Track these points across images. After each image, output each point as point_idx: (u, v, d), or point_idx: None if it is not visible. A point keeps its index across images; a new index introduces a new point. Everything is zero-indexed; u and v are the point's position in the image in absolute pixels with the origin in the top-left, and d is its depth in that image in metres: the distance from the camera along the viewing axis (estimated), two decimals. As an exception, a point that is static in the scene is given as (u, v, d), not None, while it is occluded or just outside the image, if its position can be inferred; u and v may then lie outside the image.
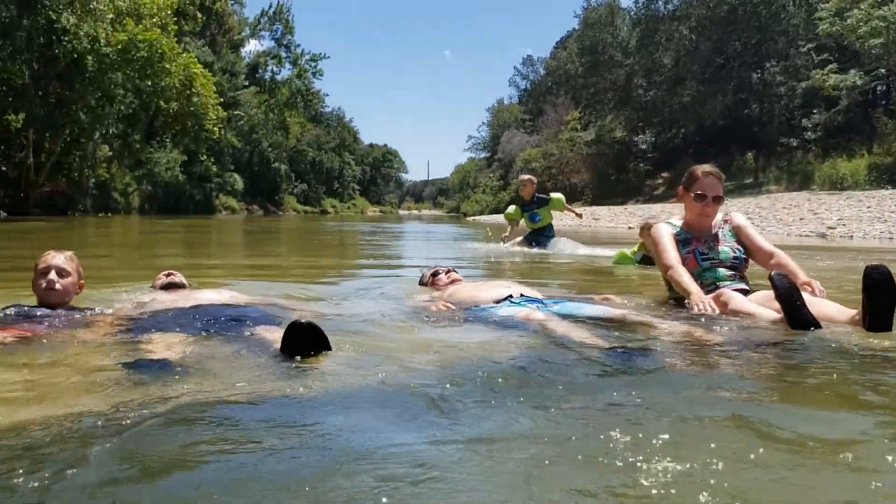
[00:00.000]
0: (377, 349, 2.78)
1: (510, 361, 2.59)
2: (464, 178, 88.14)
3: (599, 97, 58.85)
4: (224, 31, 61.86)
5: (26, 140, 33.65)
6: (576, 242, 10.50)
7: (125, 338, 2.97)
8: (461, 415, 1.94)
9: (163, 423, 1.84)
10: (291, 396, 2.11)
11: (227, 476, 1.52)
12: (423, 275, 5.01)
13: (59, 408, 1.98)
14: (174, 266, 4.53)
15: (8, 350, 2.74)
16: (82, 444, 1.69)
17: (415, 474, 1.52)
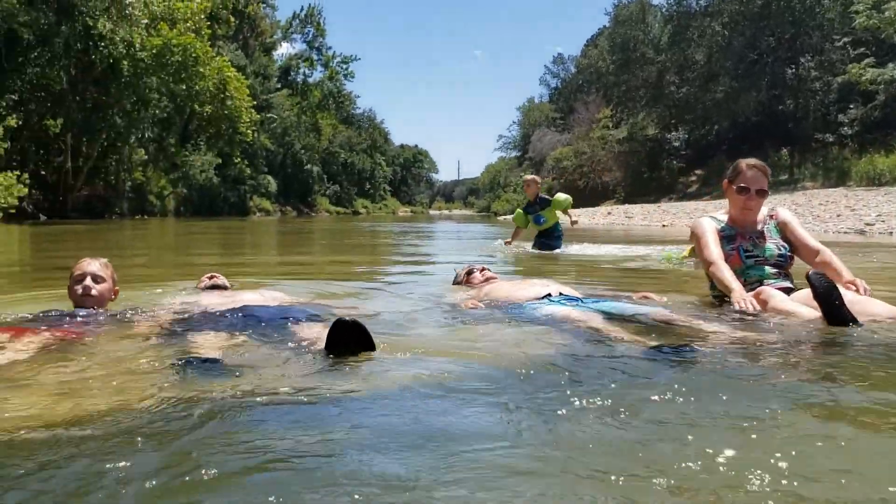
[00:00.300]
0: (417, 347, 2.77)
1: (552, 360, 2.57)
2: (494, 178, 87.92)
3: (631, 94, 58.36)
4: (256, 34, 62.44)
5: (64, 145, 34.28)
6: (597, 245, 10.38)
7: (170, 338, 3.01)
8: (503, 414, 1.93)
9: (208, 421, 1.86)
10: (335, 395, 2.11)
11: (276, 474, 1.54)
12: (458, 273, 4.99)
13: (105, 406, 2.01)
14: (211, 267, 4.58)
15: (53, 349, 2.79)
16: (129, 442, 1.72)
17: (452, 472, 1.52)
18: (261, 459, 1.61)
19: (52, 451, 1.66)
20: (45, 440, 1.74)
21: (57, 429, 1.81)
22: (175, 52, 32.10)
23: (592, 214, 34.04)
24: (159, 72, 32.50)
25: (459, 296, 4.34)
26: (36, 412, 1.97)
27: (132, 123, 34.33)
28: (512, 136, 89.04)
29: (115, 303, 3.86)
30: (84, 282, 3.62)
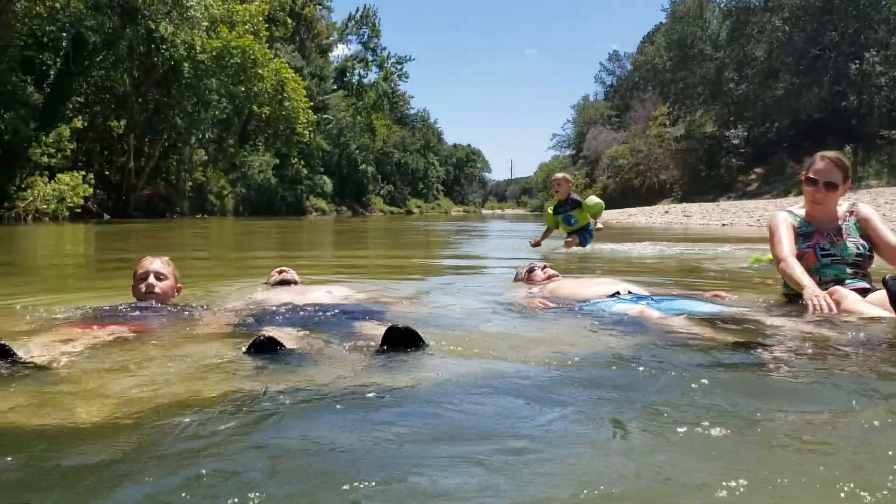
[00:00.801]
0: (482, 346, 2.73)
1: (628, 360, 2.51)
2: (548, 177, 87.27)
3: (689, 91, 57.54)
4: (313, 36, 63.19)
5: (127, 145, 35.18)
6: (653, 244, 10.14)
7: (236, 332, 3.04)
8: (570, 416, 1.89)
9: (261, 413, 1.88)
10: (387, 391, 2.09)
11: (338, 466, 1.54)
12: (518, 272, 4.94)
13: (175, 399, 2.03)
14: (268, 263, 4.62)
15: (121, 343, 2.84)
16: (184, 434, 1.74)
17: (518, 470, 1.50)
18: (311, 454, 1.60)
19: (112, 441, 1.68)
20: (109, 431, 1.77)
21: (120, 420, 1.84)
22: (234, 54, 32.66)
23: (649, 213, 33.62)
24: (219, 73, 33.10)
25: (521, 294, 4.29)
26: (102, 405, 2.00)
27: (192, 124, 35.05)
28: (566, 134, 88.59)
29: (182, 299, 3.92)
30: (147, 280, 3.69)
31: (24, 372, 2.31)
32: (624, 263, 7.85)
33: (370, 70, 69.75)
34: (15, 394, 2.09)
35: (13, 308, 3.90)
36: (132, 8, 27.28)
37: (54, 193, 27.46)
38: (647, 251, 9.81)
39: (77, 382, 2.23)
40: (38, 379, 2.26)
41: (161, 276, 3.73)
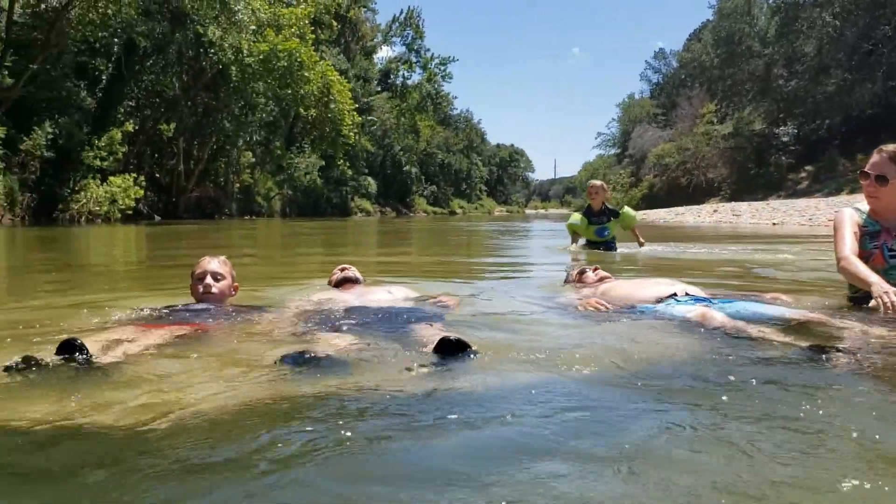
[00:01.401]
0: (543, 349, 2.68)
1: (699, 365, 2.45)
2: (592, 176, 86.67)
3: (736, 89, 56.66)
4: (357, 38, 63.63)
5: (177, 148, 35.83)
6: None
7: (290, 334, 3.05)
8: (649, 421, 1.85)
9: (308, 415, 1.89)
10: (436, 397, 2.07)
11: (386, 468, 1.53)
12: (569, 274, 4.88)
13: (230, 400, 2.04)
14: (314, 262, 4.63)
15: (181, 344, 2.88)
16: (234, 434, 1.76)
17: (573, 478, 1.47)
18: (358, 457, 1.60)
19: (167, 443, 1.70)
20: (165, 432, 1.78)
21: (175, 422, 1.86)
22: (281, 57, 33.01)
23: (697, 212, 33.11)
24: (266, 77, 33.48)
25: (573, 296, 4.24)
26: (158, 406, 2.02)
27: (240, 127, 35.53)
28: (611, 133, 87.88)
29: (246, 299, 3.96)
30: (205, 280, 3.72)
31: (84, 371, 2.34)
32: (676, 264, 7.72)
33: (414, 71, 69.93)
34: (74, 392, 2.12)
35: (72, 308, 3.97)
36: (181, 13, 27.76)
37: (107, 196, 28.09)
38: (706, 252, 9.54)
39: (134, 383, 2.26)
40: (96, 378, 2.30)
41: (218, 277, 3.76)
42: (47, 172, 27.58)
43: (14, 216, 25.51)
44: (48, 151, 26.96)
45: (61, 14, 23.48)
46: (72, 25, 24.56)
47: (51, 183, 27.61)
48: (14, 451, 1.67)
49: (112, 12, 24.88)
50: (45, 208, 27.09)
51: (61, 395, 2.11)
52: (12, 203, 25.56)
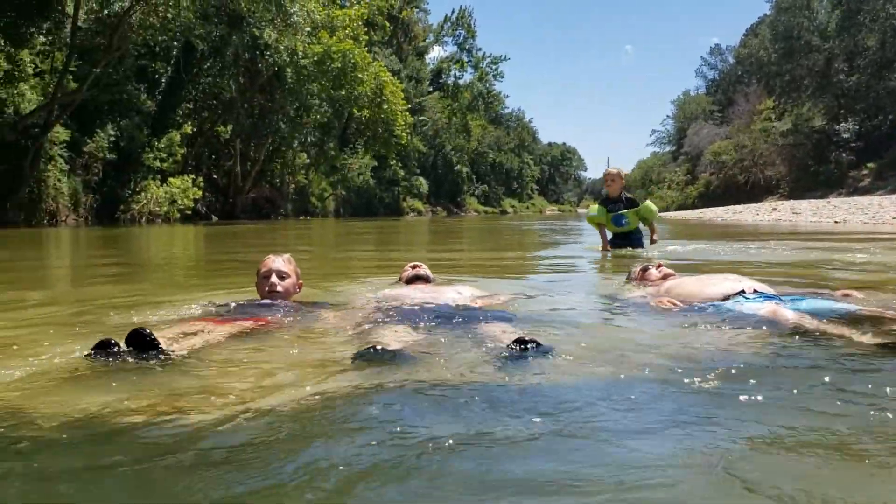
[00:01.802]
0: (613, 347, 2.65)
1: (772, 363, 2.39)
2: (646, 174, 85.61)
3: (795, 84, 55.33)
4: (410, 38, 63.93)
5: (234, 149, 36.46)
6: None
7: (358, 329, 3.07)
8: (724, 421, 1.81)
9: (374, 410, 1.89)
10: (505, 394, 2.05)
11: (460, 471, 1.50)
12: (632, 271, 4.81)
13: (295, 397, 2.04)
14: (372, 259, 4.63)
15: (250, 337, 2.91)
16: (301, 429, 1.77)
17: (647, 477, 1.44)
18: (418, 452, 1.58)
19: (231, 436, 1.71)
20: (230, 427, 1.79)
21: (239, 416, 1.86)
22: (335, 58, 33.34)
23: (756, 211, 32.41)
24: (320, 78, 33.85)
25: (638, 293, 4.17)
26: (229, 396, 2.05)
27: (295, 128, 35.98)
28: (666, 130, 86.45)
29: (312, 296, 3.99)
30: (270, 279, 3.76)
31: (154, 362, 2.39)
32: (739, 263, 7.56)
33: (465, 71, 69.97)
34: (144, 383, 2.17)
35: (137, 304, 4.06)
36: (238, 16, 28.25)
37: (166, 196, 28.76)
38: (769, 250, 9.29)
39: (205, 375, 2.30)
40: (167, 370, 2.34)
41: (284, 275, 3.80)
42: (109, 174, 28.35)
43: (78, 216, 26.26)
44: (110, 153, 27.71)
45: (123, 19, 24.08)
46: (133, 30, 25.17)
47: (112, 184, 28.37)
48: (84, 442, 1.70)
49: (171, 16, 25.43)
50: (108, 209, 27.84)
51: (131, 385, 2.15)
52: (76, 204, 26.33)
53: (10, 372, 2.32)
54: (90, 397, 2.03)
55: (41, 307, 4.24)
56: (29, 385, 2.18)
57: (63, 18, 23.28)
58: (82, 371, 2.34)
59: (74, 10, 23.06)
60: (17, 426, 1.79)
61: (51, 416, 1.85)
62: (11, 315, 3.81)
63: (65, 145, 25.65)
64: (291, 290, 3.84)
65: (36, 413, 1.89)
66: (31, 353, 2.59)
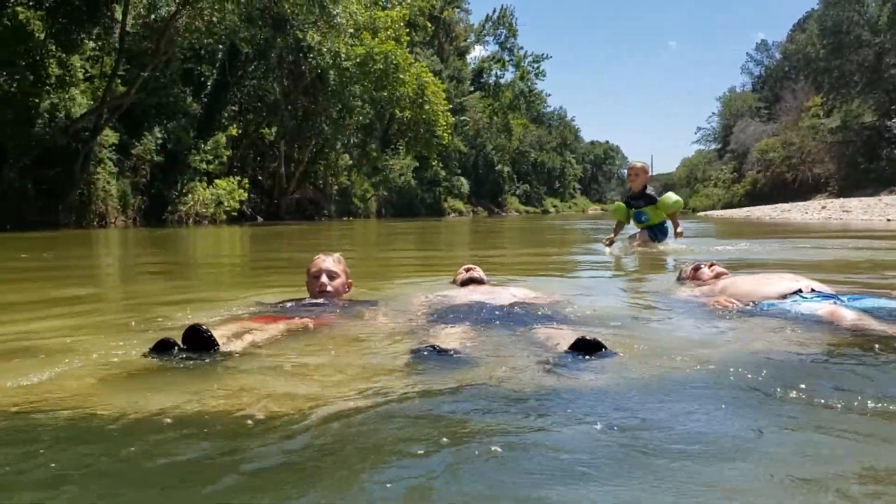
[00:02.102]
0: (672, 347, 2.61)
1: (834, 364, 2.34)
2: (691, 172, 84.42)
3: (845, 80, 54.11)
4: (451, 38, 63.96)
5: (278, 151, 36.85)
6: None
7: (417, 328, 3.07)
8: (754, 419, 1.77)
9: (426, 409, 1.89)
10: (584, 392, 2.04)
11: (516, 470, 1.49)
12: (683, 270, 4.74)
13: (346, 397, 2.04)
14: (413, 259, 4.62)
15: (304, 336, 2.93)
16: (352, 425, 1.78)
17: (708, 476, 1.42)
18: (471, 457, 1.56)
19: (296, 435, 1.72)
20: (281, 428, 1.79)
21: (291, 416, 1.86)
22: (377, 60, 33.49)
23: (805, 209, 31.78)
24: (362, 80, 34.03)
25: (690, 293, 4.11)
26: (288, 394, 2.06)
27: (338, 130, 36.23)
28: (711, 127, 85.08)
29: (361, 295, 4.01)
30: (320, 279, 3.79)
31: (211, 360, 2.40)
32: (793, 261, 7.40)
33: (507, 70, 69.71)
34: (202, 381, 2.19)
35: (189, 302, 4.11)
36: (282, 19, 28.55)
37: (212, 198, 29.17)
38: (823, 249, 9.07)
39: (259, 376, 2.30)
40: (223, 367, 2.36)
41: (333, 275, 3.82)
42: (157, 176, 28.84)
43: (126, 218, 26.77)
44: (158, 156, 28.20)
45: (170, 23, 24.48)
46: (179, 34, 25.58)
47: (160, 186, 28.86)
48: (143, 441, 1.71)
49: (216, 19, 25.80)
50: (155, 210, 28.34)
51: (188, 384, 2.17)
52: (125, 205, 26.85)
53: (67, 371, 2.36)
54: (149, 396, 2.05)
55: (94, 304, 4.33)
56: (86, 385, 2.21)
57: (112, 24, 23.75)
58: (138, 370, 2.37)
59: (123, 16, 23.50)
60: (74, 425, 1.81)
61: (109, 418, 1.87)
62: (68, 313, 3.89)
63: (114, 148, 26.18)
64: (341, 289, 3.86)
65: (93, 413, 1.91)
66: (86, 353, 2.64)
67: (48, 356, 2.59)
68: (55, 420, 1.85)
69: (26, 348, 2.79)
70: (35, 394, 2.09)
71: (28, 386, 2.17)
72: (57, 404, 1.98)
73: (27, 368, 2.36)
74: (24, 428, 1.79)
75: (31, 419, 1.86)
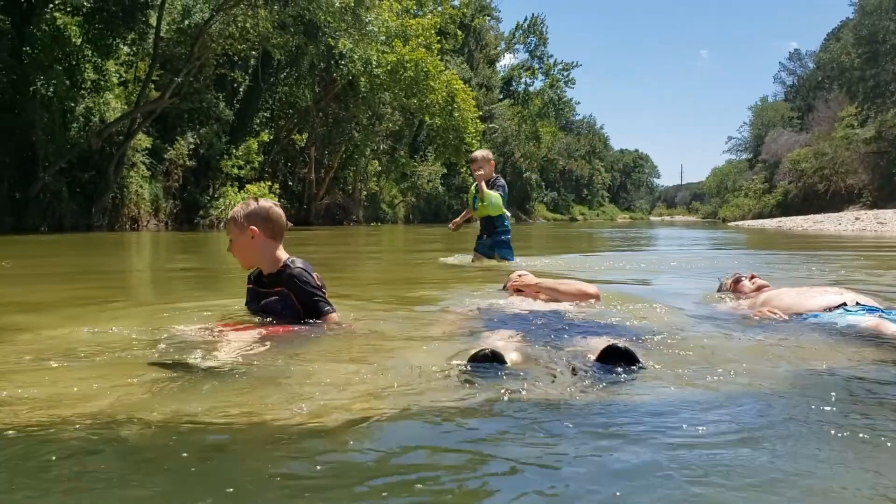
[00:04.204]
0: (713, 360, 2.56)
1: (860, 377, 2.29)
2: (721, 182, 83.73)
3: (880, 90, 53.34)
4: (481, 46, 64.07)
5: (309, 157, 37.13)
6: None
7: (469, 333, 3.08)
8: (788, 437, 1.73)
9: (478, 414, 1.92)
10: (607, 402, 2.03)
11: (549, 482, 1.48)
12: (723, 282, 4.67)
13: (387, 405, 2.04)
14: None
15: (344, 341, 2.92)
16: (396, 431, 1.81)
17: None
18: (525, 470, 1.55)
19: (319, 447, 1.71)
20: (353, 429, 1.81)
21: (325, 425, 1.86)
22: (408, 67, 33.62)
23: (838, 220, 31.32)
24: (393, 87, 34.18)
25: (731, 304, 4.06)
26: (317, 407, 2.03)
27: (368, 136, 36.43)
28: (742, 137, 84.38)
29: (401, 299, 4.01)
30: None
31: (219, 371, 2.40)
32: (818, 269, 7.28)
33: (536, 78, 69.68)
34: (219, 391, 2.17)
35: (231, 308, 4.12)
36: (314, 26, 28.75)
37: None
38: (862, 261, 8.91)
39: (294, 378, 2.31)
40: (240, 381, 2.35)
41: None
42: (189, 180, 29.21)
43: (158, 221, 27.12)
44: (190, 160, 28.56)
45: (203, 29, 24.78)
46: (213, 40, 25.88)
47: (192, 190, 29.21)
48: (181, 451, 1.71)
49: (250, 26, 26.07)
50: (187, 214, 28.68)
51: (223, 391, 2.17)
52: (157, 209, 27.20)
53: (83, 377, 2.36)
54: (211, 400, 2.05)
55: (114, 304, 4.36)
56: (95, 391, 2.20)
57: (147, 29, 24.08)
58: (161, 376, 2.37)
59: (157, 22, 23.83)
60: (84, 430, 1.81)
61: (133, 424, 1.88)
62: (98, 314, 3.91)
63: (147, 152, 26.57)
64: (247, 252, 3.49)
65: (108, 419, 1.91)
66: (100, 355, 2.66)
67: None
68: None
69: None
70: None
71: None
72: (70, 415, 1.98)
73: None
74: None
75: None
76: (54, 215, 22.28)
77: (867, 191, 50.27)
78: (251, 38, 27.08)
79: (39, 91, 20.85)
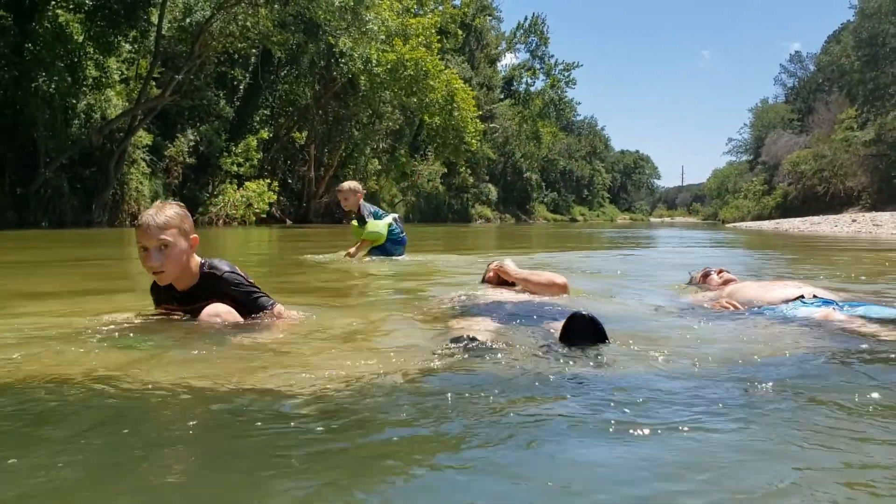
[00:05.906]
0: (672, 344, 2.73)
1: (807, 362, 2.44)
2: (722, 183, 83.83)
3: (879, 93, 53.33)
4: (482, 46, 64.13)
5: (308, 155, 37.26)
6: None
7: (450, 321, 3.25)
8: (741, 418, 1.85)
9: (458, 400, 2.01)
10: (560, 380, 2.17)
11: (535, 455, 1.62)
12: (693, 276, 4.86)
13: (381, 378, 2.20)
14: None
15: (339, 322, 3.09)
16: (389, 414, 1.90)
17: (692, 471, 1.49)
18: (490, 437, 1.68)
19: (322, 416, 1.84)
20: (319, 407, 1.96)
21: (330, 397, 2.02)
22: (408, 66, 33.73)
23: (835, 222, 31.41)
24: (393, 86, 34.29)
25: (698, 297, 4.22)
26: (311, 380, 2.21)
27: (367, 135, 36.56)
28: (743, 138, 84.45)
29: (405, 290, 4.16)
30: (148, 258, 3.33)
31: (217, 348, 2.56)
32: (809, 271, 7.44)
33: (537, 78, 69.69)
34: (224, 362, 2.34)
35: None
36: (314, 24, 28.91)
37: (243, 200, 29.59)
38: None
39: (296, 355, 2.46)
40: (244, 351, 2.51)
41: (164, 245, 3.07)
42: (189, 177, 29.38)
43: (159, 218, 27.24)
44: (190, 157, 28.72)
45: (204, 27, 24.95)
46: (214, 38, 26.04)
47: (192, 187, 29.38)
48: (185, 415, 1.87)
49: (250, 24, 26.23)
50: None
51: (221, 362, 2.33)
52: (157, 206, 27.34)
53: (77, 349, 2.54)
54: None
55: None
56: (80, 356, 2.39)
57: (148, 27, 24.25)
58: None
59: (159, 20, 24.00)
60: (81, 401, 1.97)
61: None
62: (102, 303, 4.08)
63: (147, 149, 26.73)
64: (179, 262, 3.04)
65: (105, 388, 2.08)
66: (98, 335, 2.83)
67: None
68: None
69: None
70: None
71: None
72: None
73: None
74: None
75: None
76: (55, 211, 22.46)
77: (866, 193, 50.29)
78: (252, 36, 27.24)
79: (41, 88, 21.02)
